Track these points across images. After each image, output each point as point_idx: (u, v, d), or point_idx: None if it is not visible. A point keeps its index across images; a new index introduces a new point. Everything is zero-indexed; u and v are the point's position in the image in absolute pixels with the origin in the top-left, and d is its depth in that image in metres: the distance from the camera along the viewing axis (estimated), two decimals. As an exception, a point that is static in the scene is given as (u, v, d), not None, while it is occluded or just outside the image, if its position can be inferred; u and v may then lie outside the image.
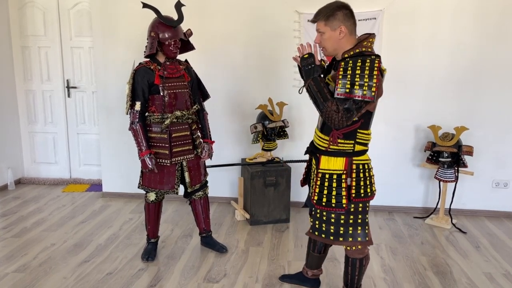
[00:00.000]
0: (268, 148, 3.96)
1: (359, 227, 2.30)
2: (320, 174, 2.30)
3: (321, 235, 2.35)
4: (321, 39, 2.24)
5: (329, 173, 2.27)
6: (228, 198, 4.41)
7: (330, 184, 2.26)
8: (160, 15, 2.89)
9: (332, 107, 2.10)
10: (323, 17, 2.21)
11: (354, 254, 2.40)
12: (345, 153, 2.25)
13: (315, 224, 2.36)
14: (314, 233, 2.38)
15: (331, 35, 2.20)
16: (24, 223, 3.85)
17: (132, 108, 2.93)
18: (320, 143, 2.31)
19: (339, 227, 2.30)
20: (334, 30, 2.19)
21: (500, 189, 4.09)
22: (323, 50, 2.27)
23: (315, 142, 2.38)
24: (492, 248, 3.48)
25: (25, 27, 4.76)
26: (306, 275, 2.81)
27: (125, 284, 2.87)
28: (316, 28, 2.25)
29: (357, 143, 2.26)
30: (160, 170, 3.01)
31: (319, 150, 2.33)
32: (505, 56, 3.84)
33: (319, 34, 2.25)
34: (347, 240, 2.30)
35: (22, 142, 5.03)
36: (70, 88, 4.85)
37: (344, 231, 2.30)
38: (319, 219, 2.34)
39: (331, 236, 2.31)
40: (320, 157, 2.31)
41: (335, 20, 2.18)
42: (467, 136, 3.88)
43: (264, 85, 4.16)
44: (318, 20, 2.24)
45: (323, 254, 2.71)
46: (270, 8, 4.00)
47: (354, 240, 2.30)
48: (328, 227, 2.31)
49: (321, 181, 2.29)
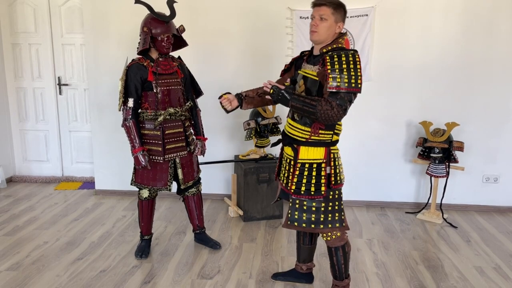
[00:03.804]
0: (261, 144, 3.97)
1: (336, 213, 2.37)
2: (299, 164, 2.34)
3: (301, 225, 2.37)
4: (321, 25, 2.23)
5: (309, 162, 2.33)
6: (221, 195, 4.42)
7: (310, 173, 2.32)
8: (153, 11, 2.88)
9: (324, 107, 2.13)
10: (333, 6, 2.22)
11: (335, 242, 2.45)
12: (325, 143, 2.33)
13: (294, 215, 2.38)
14: (293, 223, 2.38)
15: (331, 25, 2.24)
16: (16, 221, 3.83)
17: (125, 104, 2.92)
18: (300, 134, 2.35)
19: (319, 215, 2.34)
20: (336, 23, 2.25)
21: (490, 184, 4.14)
22: (315, 34, 2.26)
23: (290, 133, 2.41)
24: (482, 242, 3.52)
25: (15, 24, 4.71)
26: (301, 270, 2.83)
27: (118, 281, 2.87)
28: (320, 13, 2.23)
29: (334, 134, 2.35)
30: (153, 167, 3.01)
31: (297, 141, 2.36)
32: (495, 52, 3.89)
33: (320, 18, 2.23)
34: (326, 227, 2.35)
35: (13, 140, 4.99)
36: (62, 86, 4.82)
37: (324, 218, 2.35)
38: (298, 209, 2.37)
39: (312, 224, 2.35)
40: (299, 148, 2.36)
41: (339, 15, 2.25)
42: (458, 132, 3.93)
43: (256, 82, 4.15)
44: (326, 5, 2.22)
45: (313, 245, 2.75)
46: (262, 4, 4.00)
47: (333, 227, 2.37)
48: (309, 216, 2.35)
49: (300, 171, 2.34)
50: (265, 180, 3.85)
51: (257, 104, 2.60)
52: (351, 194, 4.20)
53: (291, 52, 4.04)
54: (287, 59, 4.05)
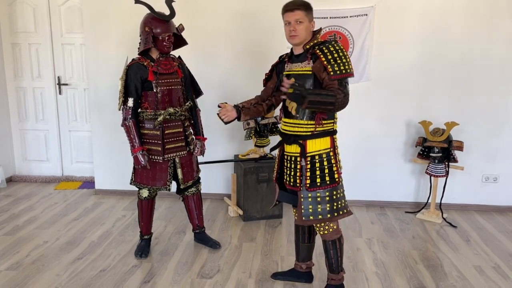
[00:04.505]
0: (260, 144, 3.97)
1: (343, 200, 2.47)
2: (309, 158, 2.41)
3: (317, 217, 2.42)
4: (298, 28, 2.38)
5: (318, 154, 2.40)
6: (221, 195, 4.42)
7: (322, 163, 2.39)
8: (153, 10, 2.89)
9: (340, 96, 2.24)
10: (304, 8, 2.39)
11: (332, 235, 2.50)
12: (328, 132, 2.42)
13: (308, 209, 2.42)
14: (308, 218, 2.42)
15: (307, 26, 2.40)
16: (16, 221, 3.83)
17: (125, 104, 2.93)
18: (303, 129, 2.41)
19: (332, 204, 2.42)
20: (310, 22, 2.41)
21: (490, 183, 4.14)
22: (295, 38, 2.40)
23: (291, 131, 2.46)
24: (482, 241, 3.53)
25: (15, 23, 4.72)
26: (301, 269, 2.84)
27: (118, 281, 2.88)
28: (296, 18, 2.38)
29: (334, 122, 2.45)
30: (153, 166, 3.02)
31: (302, 136, 2.42)
32: (494, 51, 3.89)
33: (297, 22, 2.38)
34: (338, 214, 2.43)
35: (13, 139, 5.00)
36: (61, 85, 4.82)
37: (336, 206, 2.43)
38: (312, 202, 2.42)
39: (328, 214, 2.42)
40: (305, 143, 2.41)
41: (311, 14, 2.41)
42: (458, 132, 3.93)
43: (256, 81, 4.15)
44: (299, 9, 2.38)
45: (312, 243, 2.78)
46: (261, 5, 4.00)
47: (343, 213, 2.45)
48: (323, 206, 2.41)
49: (311, 164, 2.41)
50: (264, 180, 3.85)
51: (253, 114, 2.67)
52: (350, 193, 4.17)
53: (290, 52, 4.04)
54: (286, 59, 4.06)
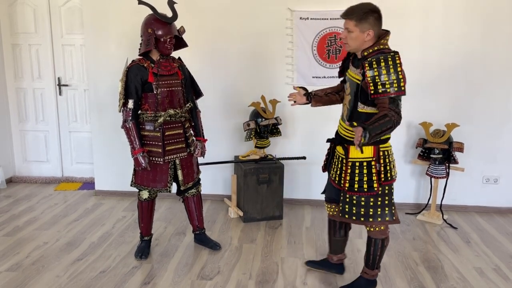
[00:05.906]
0: (261, 145, 3.97)
1: (386, 208, 2.49)
2: (350, 163, 2.46)
3: (351, 217, 2.52)
4: (348, 36, 2.32)
5: (359, 161, 2.44)
6: (221, 196, 4.42)
7: (361, 171, 2.44)
8: (156, 12, 2.88)
9: (394, 118, 2.21)
10: (356, 18, 2.27)
11: (376, 234, 2.56)
12: (374, 142, 2.36)
13: (345, 208, 2.52)
14: (344, 216, 2.53)
15: (358, 36, 2.29)
16: (16, 221, 3.83)
17: (125, 106, 2.92)
18: (349, 134, 2.46)
19: (369, 209, 2.47)
20: (363, 33, 2.28)
21: (490, 184, 4.14)
22: (346, 46, 2.37)
23: (341, 133, 2.54)
24: (482, 243, 3.52)
25: (15, 24, 4.71)
26: (332, 260, 2.95)
27: (118, 282, 2.87)
28: (345, 26, 2.32)
29: None
30: (153, 168, 3.01)
31: (348, 141, 2.47)
32: (495, 52, 3.89)
33: (346, 31, 2.31)
34: (376, 220, 2.47)
35: (13, 140, 4.99)
36: (62, 86, 4.82)
37: (373, 212, 2.46)
38: (349, 203, 2.51)
39: (362, 218, 2.48)
40: (349, 148, 2.46)
41: (366, 23, 2.27)
42: (458, 133, 3.92)
43: (256, 83, 4.16)
44: (349, 18, 2.29)
45: (345, 237, 2.85)
46: (262, 5, 4.00)
47: (382, 220, 2.48)
48: (358, 210, 2.48)
49: (352, 169, 2.45)
50: (265, 181, 3.85)
51: (325, 103, 2.74)
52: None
53: (291, 53, 4.04)
54: (287, 60, 4.07)
